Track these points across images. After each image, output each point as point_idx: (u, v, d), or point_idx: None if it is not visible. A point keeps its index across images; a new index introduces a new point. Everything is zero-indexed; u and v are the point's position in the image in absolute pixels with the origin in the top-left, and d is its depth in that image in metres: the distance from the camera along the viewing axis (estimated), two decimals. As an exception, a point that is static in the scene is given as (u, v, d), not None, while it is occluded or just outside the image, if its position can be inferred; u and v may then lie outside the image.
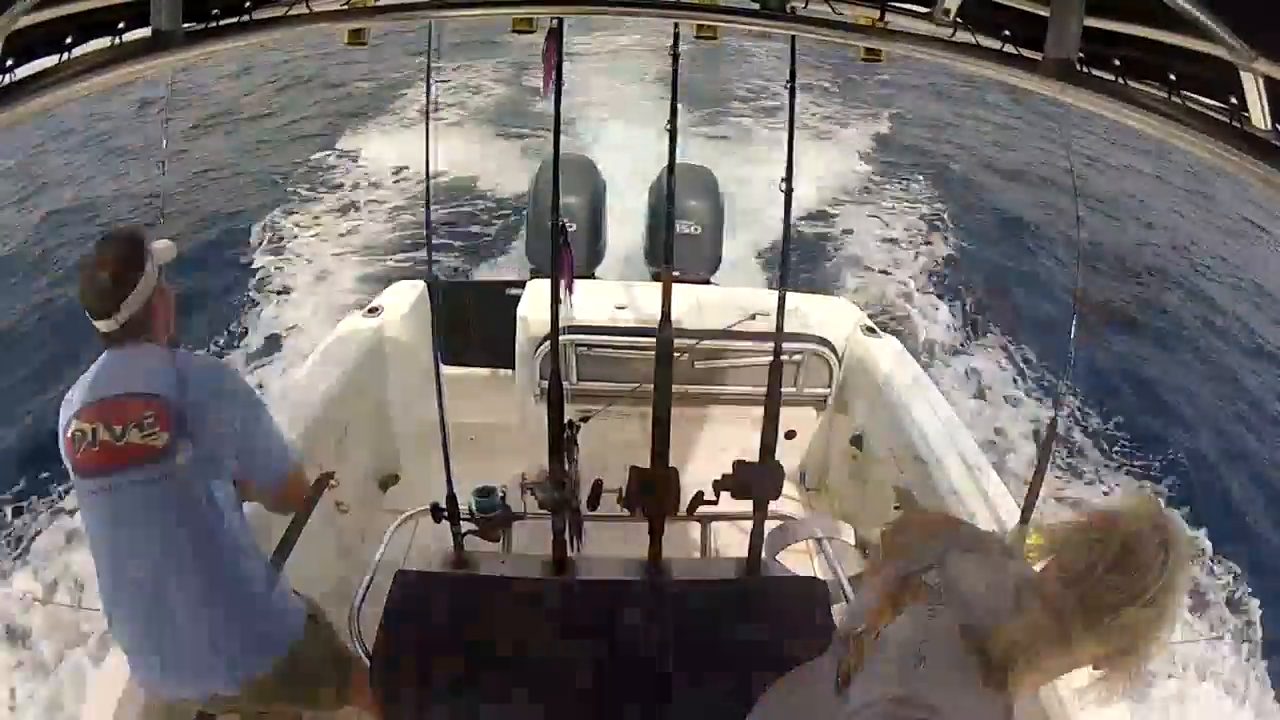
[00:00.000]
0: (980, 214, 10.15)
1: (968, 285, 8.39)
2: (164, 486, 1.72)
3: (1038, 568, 1.16)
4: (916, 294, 8.20)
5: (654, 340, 2.01)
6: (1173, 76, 1.21)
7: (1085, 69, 1.27)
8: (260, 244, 8.64)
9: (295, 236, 8.83)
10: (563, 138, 2.15)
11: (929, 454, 3.01)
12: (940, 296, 8.18)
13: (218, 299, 7.33)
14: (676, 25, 1.96)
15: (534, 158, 9.92)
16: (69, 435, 1.76)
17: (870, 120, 12.64)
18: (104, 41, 1.27)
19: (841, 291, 7.58)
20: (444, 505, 2.18)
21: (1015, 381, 6.87)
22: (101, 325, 1.80)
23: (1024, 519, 2.31)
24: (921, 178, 10.85)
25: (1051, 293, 8.15)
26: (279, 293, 7.70)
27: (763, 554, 2.17)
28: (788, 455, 3.89)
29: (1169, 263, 9.78)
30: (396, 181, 10.06)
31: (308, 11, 1.42)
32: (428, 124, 2.33)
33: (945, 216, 9.86)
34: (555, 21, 1.86)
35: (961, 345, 7.41)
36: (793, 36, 1.74)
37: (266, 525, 2.36)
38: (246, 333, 7.01)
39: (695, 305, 3.70)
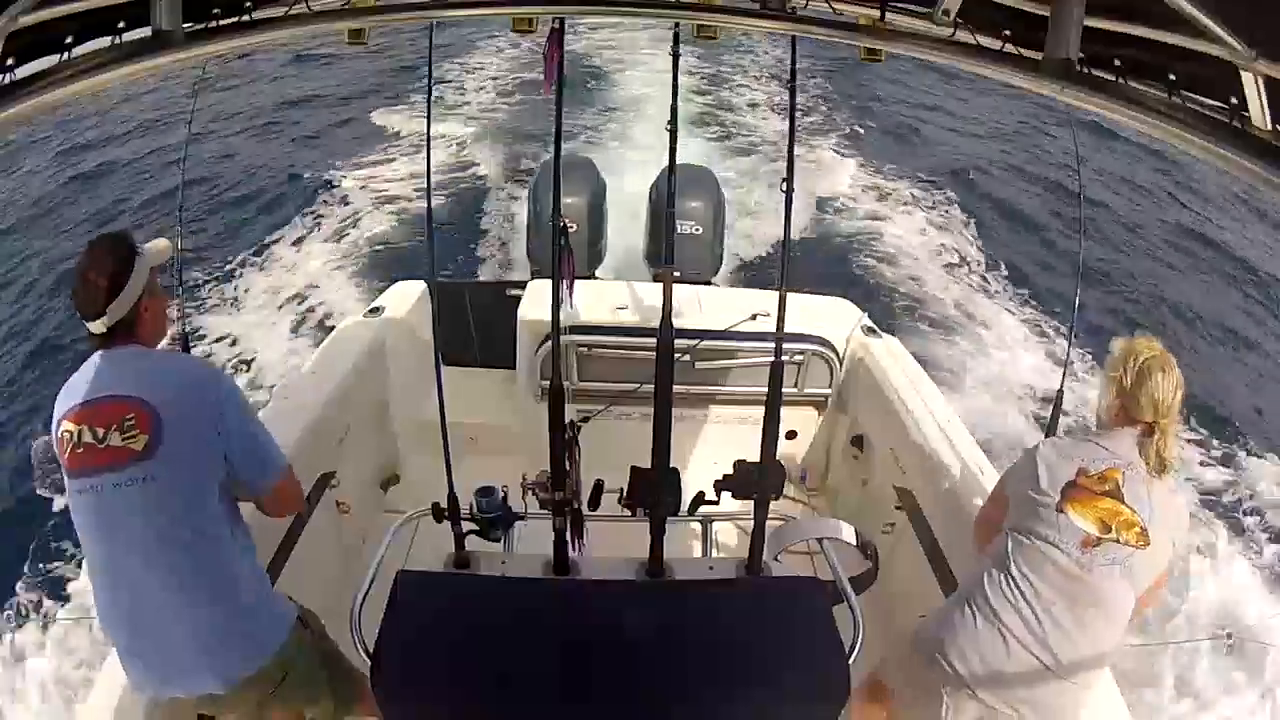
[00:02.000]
0: (980, 202, 10.15)
1: (968, 280, 8.41)
2: (143, 488, 1.73)
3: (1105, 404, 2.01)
4: (917, 293, 8.20)
5: (655, 340, 2.01)
6: (1173, 76, 1.21)
7: (1085, 69, 1.27)
8: (260, 244, 8.65)
9: (295, 237, 8.84)
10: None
11: (929, 454, 3.01)
12: (939, 293, 8.19)
13: (217, 299, 7.36)
14: (676, 25, 1.96)
15: (535, 158, 9.95)
16: (59, 435, 1.79)
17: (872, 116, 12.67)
18: (104, 41, 1.27)
19: (842, 291, 7.58)
20: (445, 505, 2.17)
21: (1015, 377, 6.88)
22: (91, 326, 1.83)
23: None
24: (919, 170, 10.86)
25: (1053, 285, 8.17)
26: (278, 292, 7.72)
27: (764, 554, 2.16)
28: (789, 455, 3.90)
29: (1170, 244, 9.76)
30: (397, 181, 10.07)
31: (308, 11, 1.42)
32: (428, 124, 2.33)
33: (945, 207, 9.88)
34: (556, 21, 1.86)
35: (961, 344, 7.41)
36: (793, 36, 1.73)
37: (267, 525, 2.36)
38: (245, 332, 7.03)
39: (696, 305, 3.70)
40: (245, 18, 1.39)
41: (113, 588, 1.78)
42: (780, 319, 2.08)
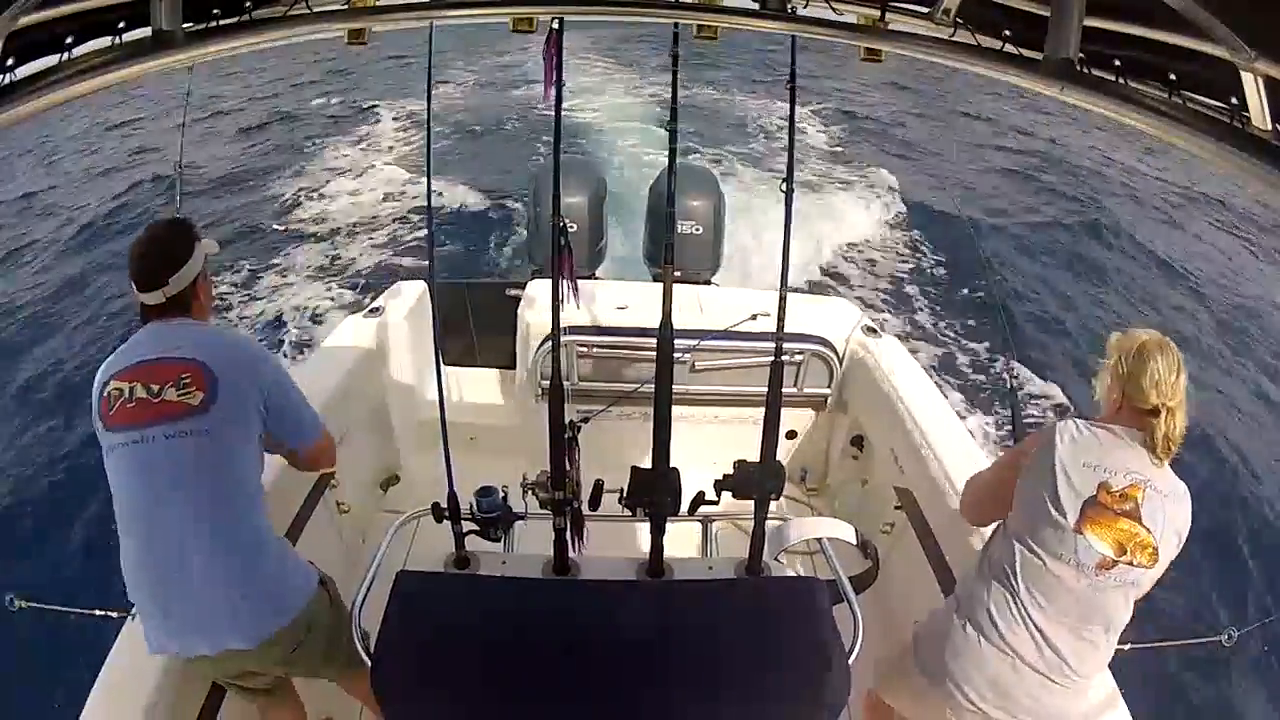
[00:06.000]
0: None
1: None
2: (196, 441, 1.79)
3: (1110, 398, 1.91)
4: (915, 293, 8.21)
5: (654, 340, 2.00)
6: (1173, 76, 1.21)
7: (1085, 69, 1.27)
8: (258, 244, 8.65)
9: (293, 237, 8.84)
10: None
11: (929, 454, 3.01)
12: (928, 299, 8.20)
13: (215, 298, 7.36)
14: (676, 25, 1.96)
15: (535, 158, 9.96)
16: (105, 395, 1.84)
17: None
18: (104, 41, 1.27)
19: (842, 292, 7.60)
20: (445, 505, 2.17)
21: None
22: (148, 298, 1.91)
23: None
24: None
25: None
26: (279, 292, 7.72)
27: (764, 554, 2.16)
28: (788, 455, 3.90)
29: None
30: (396, 181, 10.07)
31: (308, 11, 1.42)
32: (429, 124, 2.33)
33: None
34: (556, 22, 1.86)
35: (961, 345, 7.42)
36: (793, 36, 1.73)
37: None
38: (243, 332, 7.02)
39: (696, 305, 3.69)
40: (245, 18, 1.39)
41: (148, 539, 1.81)
42: (780, 319, 2.07)
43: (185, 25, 1.33)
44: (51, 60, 1.21)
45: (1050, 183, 11.34)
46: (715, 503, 2.25)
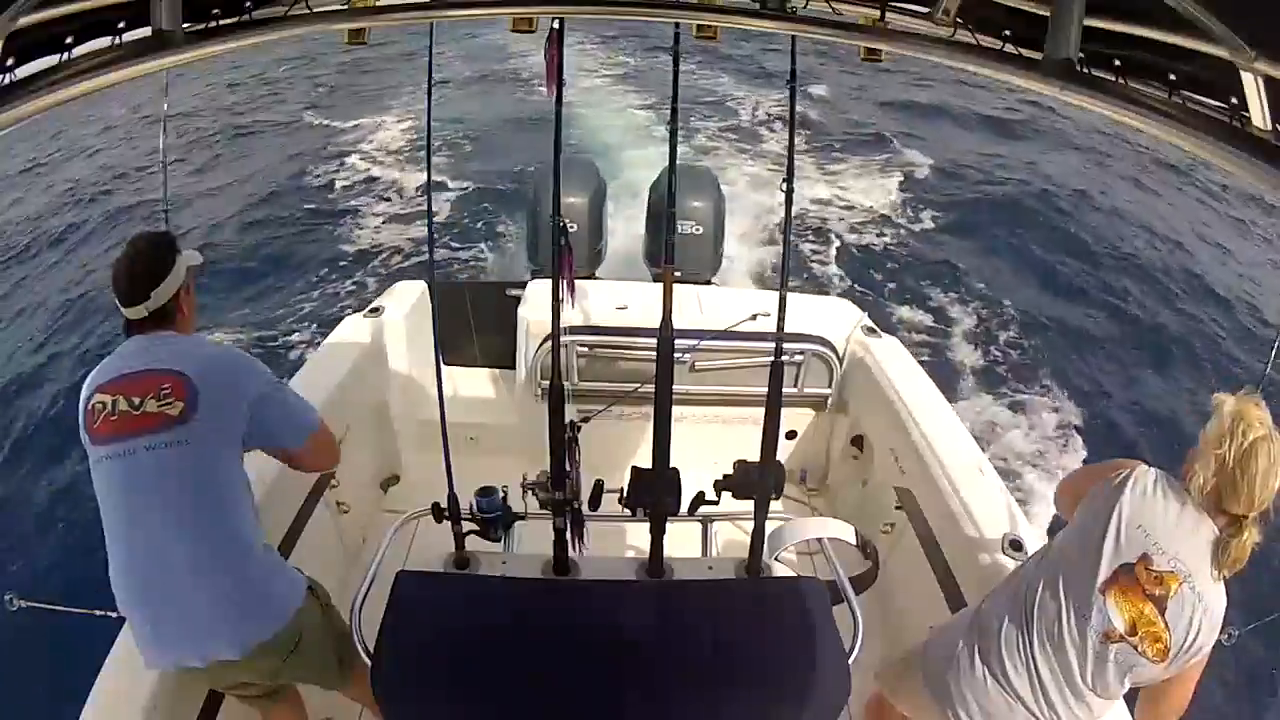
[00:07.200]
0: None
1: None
2: (177, 452, 1.80)
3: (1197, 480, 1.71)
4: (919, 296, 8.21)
5: (655, 340, 2.00)
6: (1173, 76, 1.21)
7: (1085, 69, 1.27)
8: (257, 245, 8.65)
9: (293, 237, 8.84)
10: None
11: (929, 454, 3.01)
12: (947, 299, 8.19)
13: (210, 300, 7.36)
14: (677, 25, 1.96)
15: (535, 158, 9.95)
16: (89, 408, 1.85)
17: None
18: (104, 41, 1.27)
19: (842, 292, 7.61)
20: (445, 505, 2.17)
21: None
22: (130, 312, 1.92)
23: None
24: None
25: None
26: (278, 292, 7.72)
27: (764, 554, 2.16)
28: (788, 455, 3.90)
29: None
30: (396, 181, 10.07)
31: (308, 11, 1.42)
32: (429, 124, 2.33)
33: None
34: (556, 21, 1.86)
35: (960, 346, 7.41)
36: (793, 36, 1.73)
37: (266, 524, 2.37)
38: (251, 337, 7.03)
39: (696, 305, 3.70)
40: (245, 18, 1.39)
41: (133, 550, 1.81)
42: (780, 319, 2.07)
43: (185, 25, 1.33)
44: (51, 60, 1.21)
45: (1055, 180, 11.34)
46: (715, 503, 2.25)
